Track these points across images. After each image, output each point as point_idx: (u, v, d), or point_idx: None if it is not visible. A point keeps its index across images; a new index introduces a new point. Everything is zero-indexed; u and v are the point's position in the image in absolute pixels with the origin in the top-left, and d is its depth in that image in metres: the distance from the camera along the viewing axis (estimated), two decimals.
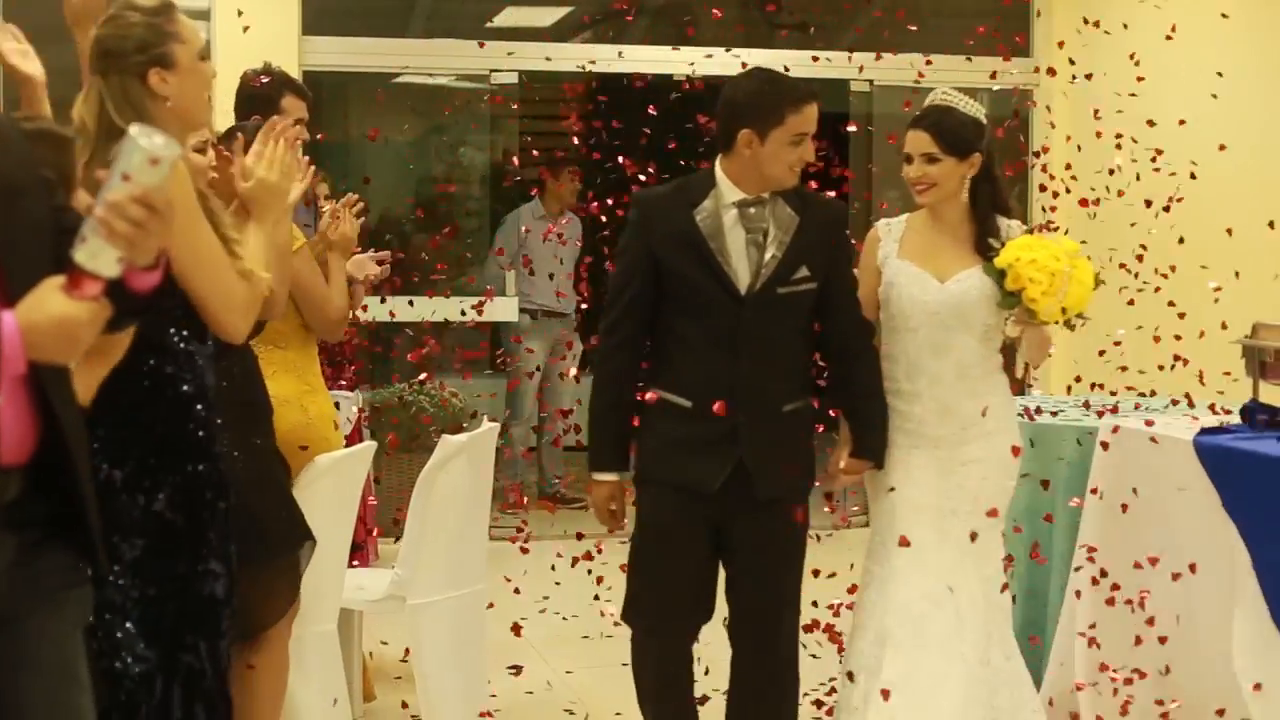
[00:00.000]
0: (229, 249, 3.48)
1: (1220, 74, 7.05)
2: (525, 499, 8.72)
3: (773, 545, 4.41)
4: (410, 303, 7.79)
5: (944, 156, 4.48)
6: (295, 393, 4.71)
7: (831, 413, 4.58)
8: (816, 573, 4.74)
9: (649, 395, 4.37)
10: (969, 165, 4.50)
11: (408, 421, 8.34)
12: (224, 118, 4.82)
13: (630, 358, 4.39)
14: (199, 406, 3.52)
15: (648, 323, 4.37)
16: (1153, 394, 5.44)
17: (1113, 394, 5.54)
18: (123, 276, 2.56)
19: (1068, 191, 5.32)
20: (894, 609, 4.46)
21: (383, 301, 6.53)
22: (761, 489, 4.32)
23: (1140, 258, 5.15)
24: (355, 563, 5.41)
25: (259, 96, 5.26)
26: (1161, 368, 5.00)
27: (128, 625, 3.41)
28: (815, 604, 4.79)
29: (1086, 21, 5.82)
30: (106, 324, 2.58)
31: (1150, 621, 4.64)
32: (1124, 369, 5.16)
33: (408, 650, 5.23)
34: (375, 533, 6.52)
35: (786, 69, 4.52)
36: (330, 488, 4.58)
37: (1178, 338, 4.91)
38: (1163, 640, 4.63)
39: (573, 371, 8.64)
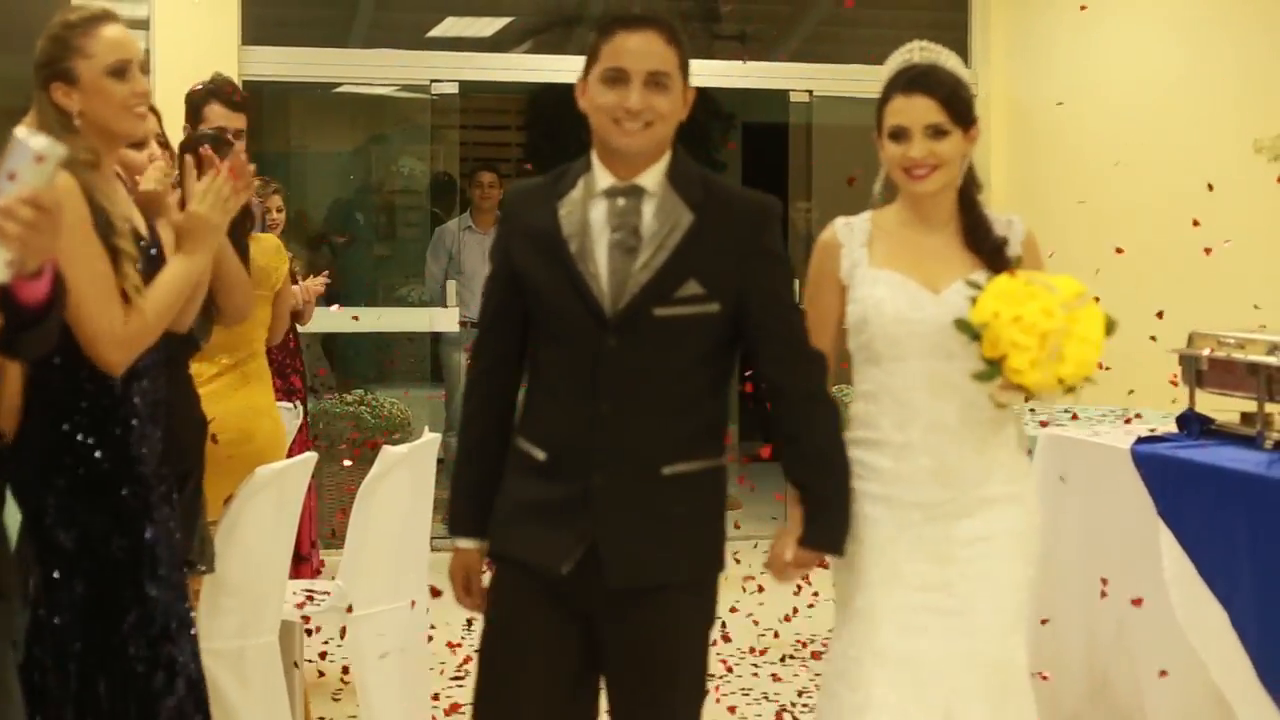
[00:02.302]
0: (119, 265, 3.40)
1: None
2: None
3: (652, 656, 3.31)
4: (355, 317, 7.78)
5: (952, 128, 3.45)
6: (268, 403, 4.90)
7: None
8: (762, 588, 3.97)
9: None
10: (971, 141, 3.52)
11: (346, 432, 8.33)
12: (172, 128, 4.79)
13: (493, 391, 3.43)
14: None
15: (517, 347, 3.39)
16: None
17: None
18: (12, 290, 2.61)
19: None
20: None
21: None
22: (613, 573, 3.23)
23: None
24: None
25: (188, 104, 5.27)
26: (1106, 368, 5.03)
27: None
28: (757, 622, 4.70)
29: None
30: (3, 346, 2.62)
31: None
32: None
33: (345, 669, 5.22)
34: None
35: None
36: (271, 499, 4.57)
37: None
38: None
39: None
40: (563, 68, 8.37)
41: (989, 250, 3.50)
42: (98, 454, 3.44)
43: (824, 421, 3.41)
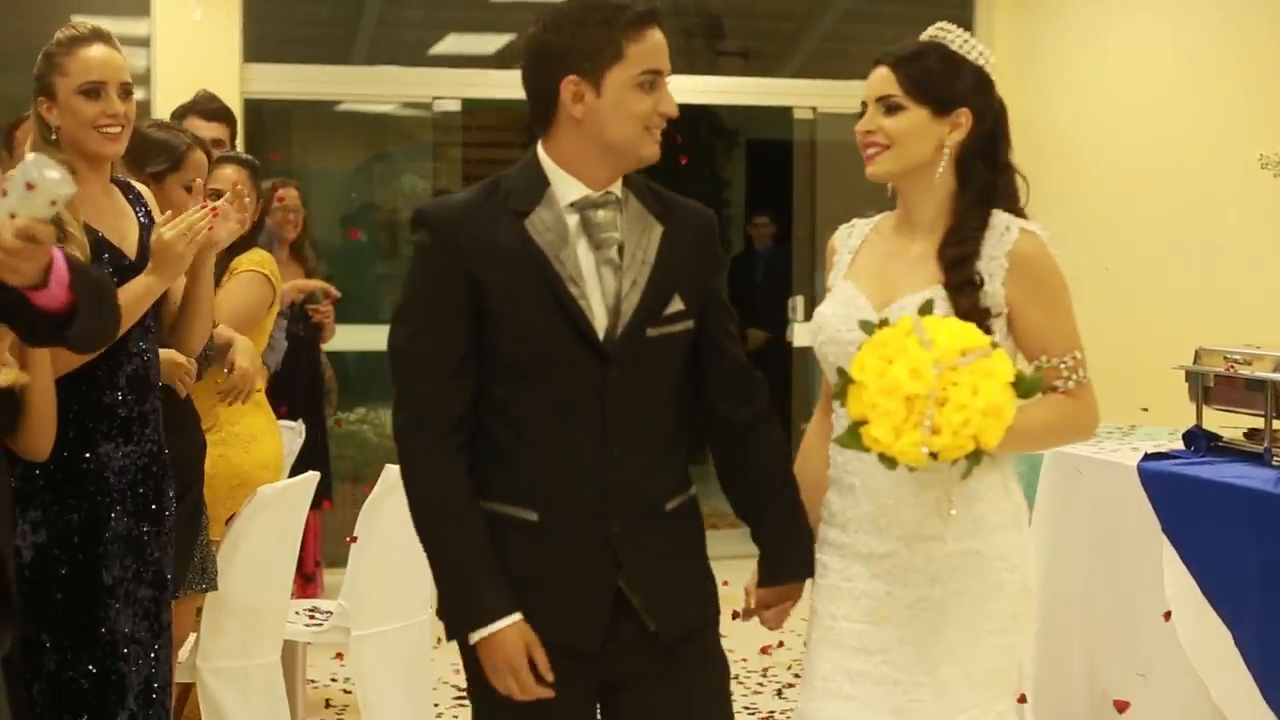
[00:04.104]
0: None
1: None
2: None
3: (693, 710, 3.05)
4: None
5: (908, 104, 3.06)
6: (270, 422, 4.95)
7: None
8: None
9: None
10: (951, 126, 3.08)
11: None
12: None
13: (459, 455, 2.93)
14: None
15: (472, 397, 2.93)
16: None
17: None
18: (27, 298, 2.72)
19: None
20: None
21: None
22: (663, 626, 2.96)
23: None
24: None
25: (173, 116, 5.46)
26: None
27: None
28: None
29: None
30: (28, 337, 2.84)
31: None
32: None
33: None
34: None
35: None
36: (273, 519, 4.56)
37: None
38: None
39: None
40: None
41: (948, 261, 3.05)
42: (50, 465, 3.50)
43: (774, 441, 3.14)
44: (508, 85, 9.25)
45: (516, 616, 2.87)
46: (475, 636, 2.88)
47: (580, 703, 2.98)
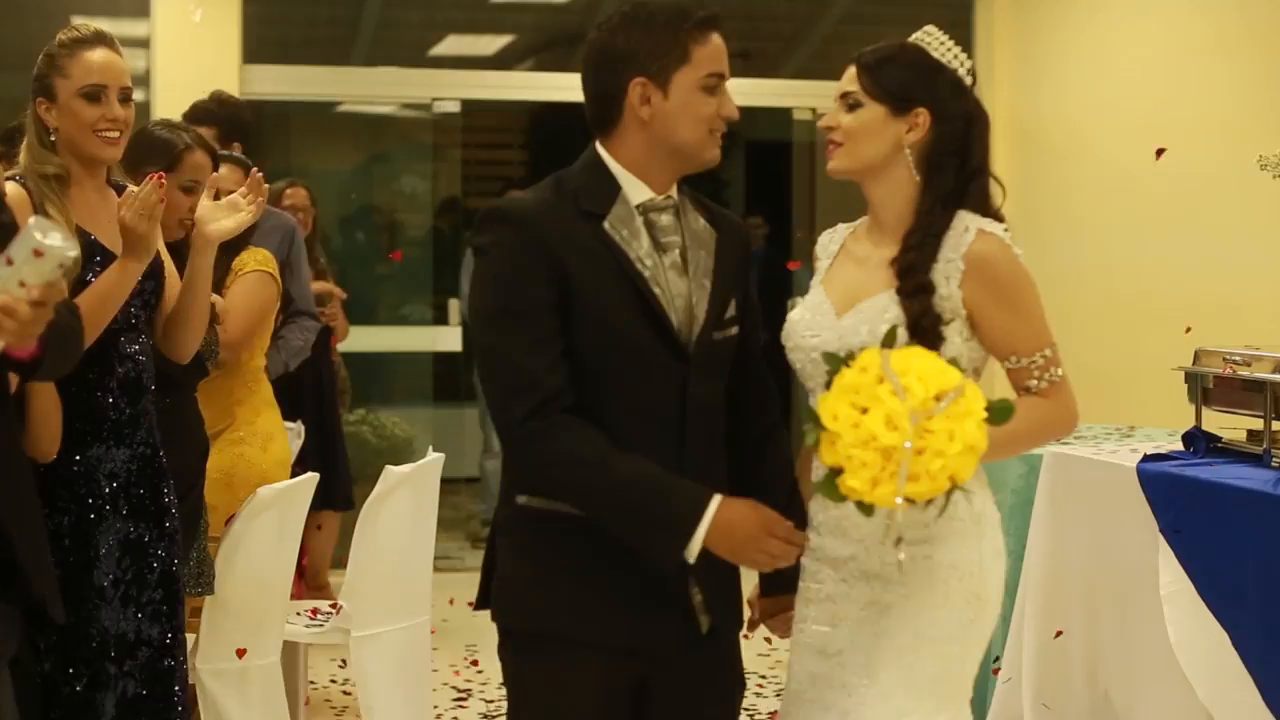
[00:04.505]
0: None
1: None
2: None
3: (709, 686, 3.09)
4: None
5: (868, 101, 3.06)
6: (281, 421, 4.97)
7: None
8: None
9: (522, 501, 2.96)
10: (909, 125, 3.06)
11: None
12: None
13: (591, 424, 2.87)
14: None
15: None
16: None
17: None
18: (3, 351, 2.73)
19: None
20: None
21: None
22: (724, 623, 3.04)
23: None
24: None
25: None
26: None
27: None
28: None
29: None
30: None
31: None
32: None
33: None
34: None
35: None
36: (273, 519, 4.56)
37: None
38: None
39: None
40: (565, 86, 8.34)
41: (900, 268, 3.02)
42: (40, 467, 3.49)
43: (783, 455, 3.17)
44: (507, 86, 9.30)
45: (717, 495, 2.85)
46: (700, 534, 2.82)
47: (620, 702, 2.98)
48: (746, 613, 3.23)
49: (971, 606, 3.03)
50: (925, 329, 2.95)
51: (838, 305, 3.07)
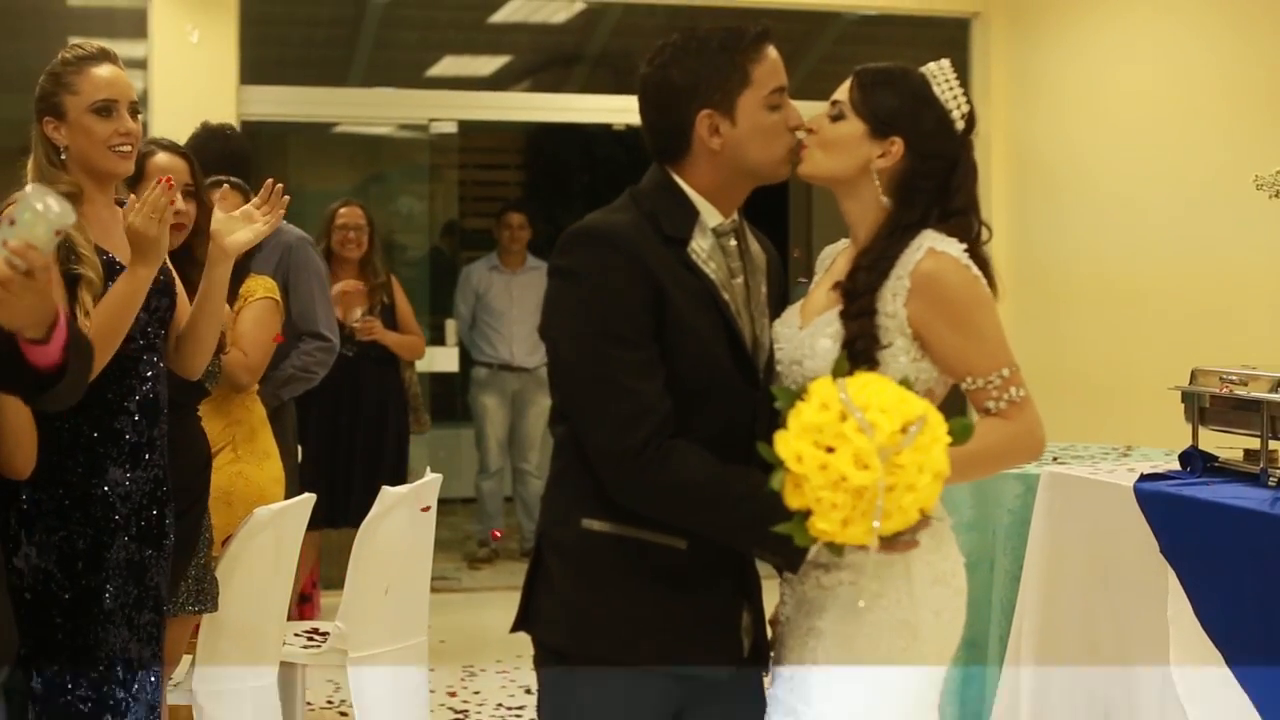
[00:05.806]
0: (77, 291, 3.48)
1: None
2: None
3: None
4: None
5: (851, 115, 3.04)
6: (273, 443, 5.00)
7: None
8: None
9: (590, 525, 2.90)
10: (882, 150, 3.01)
11: None
12: None
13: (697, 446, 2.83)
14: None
15: None
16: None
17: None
18: (24, 353, 2.68)
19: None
20: None
21: None
22: (756, 649, 3.03)
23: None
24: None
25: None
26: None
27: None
28: None
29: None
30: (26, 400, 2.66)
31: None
32: None
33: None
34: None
35: None
36: (270, 540, 4.55)
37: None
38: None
39: None
40: (562, 106, 8.38)
41: (843, 289, 3.00)
42: (59, 489, 3.52)
43: None
44: (504, 107, 9.32)
45: None
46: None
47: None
48: None
49: (901, 635, 2.95)
50: (859, 351, 2.90)
51: (802, 318, 3.05)
